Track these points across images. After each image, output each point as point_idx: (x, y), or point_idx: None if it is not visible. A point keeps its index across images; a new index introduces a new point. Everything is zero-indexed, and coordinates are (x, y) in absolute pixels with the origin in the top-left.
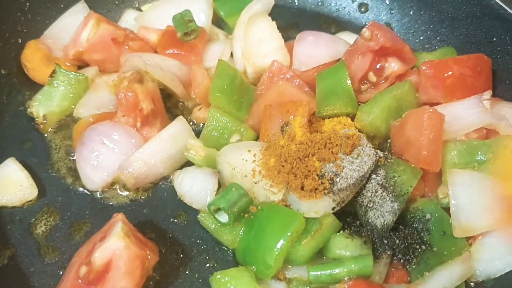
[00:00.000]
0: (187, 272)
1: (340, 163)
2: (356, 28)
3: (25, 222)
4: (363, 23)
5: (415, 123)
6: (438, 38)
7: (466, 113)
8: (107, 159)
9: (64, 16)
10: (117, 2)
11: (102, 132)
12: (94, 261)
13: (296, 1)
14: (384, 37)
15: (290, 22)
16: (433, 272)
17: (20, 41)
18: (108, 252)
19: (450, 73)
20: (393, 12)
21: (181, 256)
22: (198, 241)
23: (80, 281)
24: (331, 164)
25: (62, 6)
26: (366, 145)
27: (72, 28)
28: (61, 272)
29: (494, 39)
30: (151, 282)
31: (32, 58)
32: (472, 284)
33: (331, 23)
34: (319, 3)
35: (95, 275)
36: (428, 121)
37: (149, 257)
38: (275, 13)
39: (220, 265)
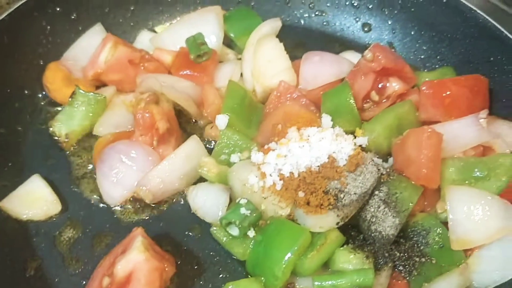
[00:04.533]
0: (201, 282)
1: (344, 180)
2: (359, 47)
3: (49, 235)
4: (367, 42)
5: (415, 142)
6: (438, 57)
7: (464, 131)
8: (126, 176)
9: (82, 38)
10: (132, 24)
11: (120, 150)
12: (116, 273)
13: (302, 21)
14: (386, 58)
15: (297, 41)
16: (432, 283)
17: (41, 63)
18: (129, 265)
19: (448, 93)
20: (395, 32)
21: (196, 267)
22: (211, 253)
23: None
24: (336, 181)
25: (80, 28)
26: (369, 163)
27: (90, 50)
28: (84, 282)
29: (491, 58)
30: None
31: (53, 80)
32: None
33: (335, 42)
34: (324, 23)
35: (117, 286)
36: (427, 140)
37: (167, 269)
38: (282, 33)
39: (231, 276)
